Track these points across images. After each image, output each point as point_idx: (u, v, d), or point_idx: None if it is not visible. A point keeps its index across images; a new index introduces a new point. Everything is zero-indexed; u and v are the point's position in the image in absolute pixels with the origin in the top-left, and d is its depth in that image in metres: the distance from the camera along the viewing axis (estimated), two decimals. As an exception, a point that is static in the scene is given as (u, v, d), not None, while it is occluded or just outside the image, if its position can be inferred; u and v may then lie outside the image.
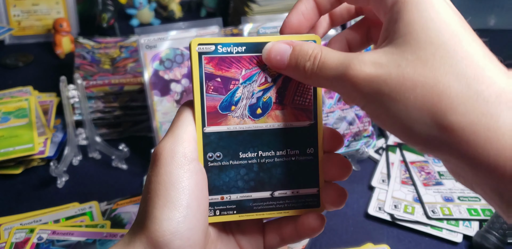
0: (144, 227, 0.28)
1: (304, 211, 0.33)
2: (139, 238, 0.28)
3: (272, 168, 0.33)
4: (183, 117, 0.31)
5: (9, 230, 0.55)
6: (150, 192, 0.29)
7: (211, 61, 0.31)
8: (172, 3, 1.08)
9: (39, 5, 0.99)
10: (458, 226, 0.57)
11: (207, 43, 0.31)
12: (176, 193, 0.28)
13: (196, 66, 0.31)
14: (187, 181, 0.29)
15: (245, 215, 0.33)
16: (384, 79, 0.24)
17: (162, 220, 0.28)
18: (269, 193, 0.33)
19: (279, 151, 0.32)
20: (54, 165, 0.62)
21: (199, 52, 0.31)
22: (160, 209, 0.28)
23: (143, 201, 0.30)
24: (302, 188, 0.33)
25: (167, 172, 0.29)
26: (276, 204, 0.33)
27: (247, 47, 0.31)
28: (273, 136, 0.32)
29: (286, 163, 0.33)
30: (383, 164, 0.67)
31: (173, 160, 0.29)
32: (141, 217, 0.29)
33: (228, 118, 0.32)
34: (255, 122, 0.32)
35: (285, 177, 0.33)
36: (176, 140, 0.30)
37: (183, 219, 0.28)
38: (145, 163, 0.67)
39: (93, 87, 0.70)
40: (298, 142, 0.33)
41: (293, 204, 0.33)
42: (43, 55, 0.95)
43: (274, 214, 0.33)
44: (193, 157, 0.30)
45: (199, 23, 0.65)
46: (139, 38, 0.62)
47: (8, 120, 0.70)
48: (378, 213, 0.59)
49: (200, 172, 0.30)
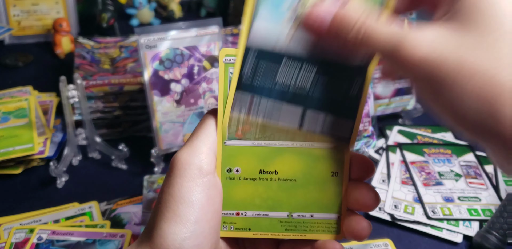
0: (151, 238, 0.28)
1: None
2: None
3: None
4: (204, 127, 0.30)
5: (9, 230, 0.55)
6: (161, 202, 0.28)
7: None
8: (172, 3, 1.08)
9: (39, 5, 0.99)
10: (458, 226, 0.57)
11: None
12: (185, 207, 0.28)
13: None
14: (199, 195, 0.28)
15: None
16: (441, 63, 0.22)
17: (168, 234, 0.27)
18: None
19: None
20: (54, 165, 0.62)
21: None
22: (167, 222, 0.27)
23: (154, 211, 0.29)
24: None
25: (179, 184, 0.28)
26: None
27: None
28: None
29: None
30: (383, 164, 0.67)
31: (186, 172, 0.28)
32: (149, 227, 0.29)
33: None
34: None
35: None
36: (193, 151, 0.29)
37: (190, 235, 0.27)
38: (145, 163, 0.67)
39: (93, 87, 0.70)
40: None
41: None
42: (43, 55, 0.95)
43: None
44: (209, 170, 0.29)
45: (199, 23, 0.65)
46: (139, 38, 0.62)
47: (8, 120, 0.70)
48: (378, 213, 0.59)
49: (214, 187, 0.29)
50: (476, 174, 0.65)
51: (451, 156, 0.69)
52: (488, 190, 0.63)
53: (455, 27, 0.23)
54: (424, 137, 0.73)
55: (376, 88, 0.73)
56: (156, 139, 0.65)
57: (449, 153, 0.69)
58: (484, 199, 0.61)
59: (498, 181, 0.65)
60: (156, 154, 0.65)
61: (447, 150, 0.70)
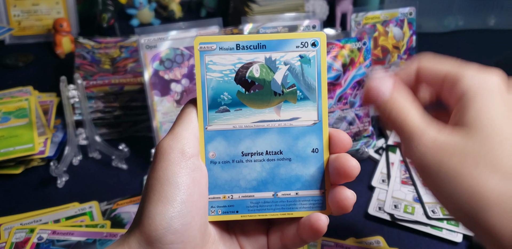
0: (139, 222, 0.29)
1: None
2: (134, 233, 0.29)
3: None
4: (185, 115, 0.31)
5: (9, 230, 0.55)
6: (147, 188, 0.29)
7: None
8: (172, 3, 1.08)
9: (39, 5, 0.99)
10: (458, 226, 0.57)
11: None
12: (171, 188, 0.28)
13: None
14: (184, 176, 0.29)
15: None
16: (440, 163, 0.29)
17: (155, 214, 0.28)
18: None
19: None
20: (54, 165, 0.62)
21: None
22: (154, 204, 0.28)
23: (141, 198, 0.30)
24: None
25: (163, 168, 0.29)
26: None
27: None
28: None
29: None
30: (383, 164, 0.67)
31: (169, 156, 0.29)
32: (137, 213, 0.30)
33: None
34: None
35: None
36: (175, 136, 0.30)
37: (177, 214, 0.28)
38: (145, 163, 0.67)
39: (93, 87, 0.70)
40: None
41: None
42: (43, 55, 0.95)
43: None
44: (192, 153, 0.30)
45: (199, 23, 0.65)
46: (139, 38, 0.62)
47: (8, 120, 0.70)
48: (378, 213, 0.59)
49: (198, 169, 0.30)
50: (476, 174, 0.65)
51: (451, 156, 0.69)
52: (488, 190, 0.63)
53: (461, 134, 0.29)
54: (424, 137, 0.73)
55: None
56: (156, 139, 0.65)
57: (449, 153, 0.69)
58: (484, 199, 0.61)
59: (498, 181, 0.65)
60: (156, 154, 0.65)
61: (447, 150, 0.70)
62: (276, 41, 0.31)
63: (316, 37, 0.31)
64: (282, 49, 0.31)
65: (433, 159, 0.29)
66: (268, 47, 0.31)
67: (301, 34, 0.31)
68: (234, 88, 0.32)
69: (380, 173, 0.66)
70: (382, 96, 0.33)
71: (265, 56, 0.31)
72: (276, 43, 0.31)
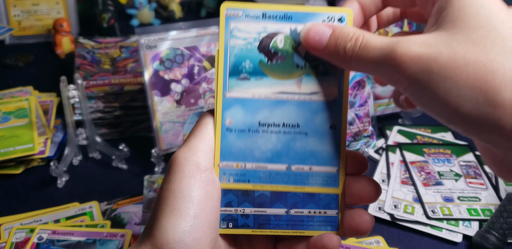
0: (151, 234, 0.28)
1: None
2: (145, 245, 0.28)
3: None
4: (201, 127, 0.31)
5: (9, 230, 0.55)
6: (160, 199, 0.29)
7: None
8: (172, 3, 1.08)
9: (39, 5, 0.99)
10: (458, 226, 0.57)
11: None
12: (184, 202, 0.28)
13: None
14: (197, 190, 0.29)
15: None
16: (434, 57, 0.24)
17: (168, 228, 0.28)
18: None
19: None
20: (54, 165, 0.62)
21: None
22: (166, 216, 0.28)
23: (153, 208, 0.30)
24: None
25: (177, 180, 0.29)
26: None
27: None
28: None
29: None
30: (383, 164, 0.67)
31: (184, 168, 0.29)
32: (149, 224, 0.29)
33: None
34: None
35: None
36: (190, 149, 0.30)
37: (189, 229, 0.28)
38: (145, 163, 0.67)
39: (93, 87, 0.70)
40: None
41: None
42: (43, 55, 0.95)
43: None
44: (206, 167, 0.30)
45: (199, 23, 0.65)
46: (139, 38, 0.62)
47: (8, 120, 0.70)
48: (378, 213, 0.59)
49: (212, 182, 0.30)
50: (476, 174, 0.65)
51: (450, 156, 0.69)
52: (487, 190, 0.63)
53: (445, 30, 0.25)
54: (424, 137, 0.73)
55: (376, 88, 0.73)
56: (157, 139, 0.65)
57: (449, 153, 0.69)
58: (484, 199, 0.61)
59: (498, 181, 0.65)
60: (156, 154, 0.65)
61: (447, 150, 0.70)
62: (303, 13, 0.31)
63: (343, 12, 0.31)
64: (308, 21, 0.31)
65: (424, 57, 0.24)
66: (294, 18, 0.31)
67: (329, 8, 0.31)
68: (257, 57, 0.31)
69: (380, 173, 0.66)
70: (323, 36, 0.29)
71: (291, 27, 0.31)
72: (302, 16, 0.31)
